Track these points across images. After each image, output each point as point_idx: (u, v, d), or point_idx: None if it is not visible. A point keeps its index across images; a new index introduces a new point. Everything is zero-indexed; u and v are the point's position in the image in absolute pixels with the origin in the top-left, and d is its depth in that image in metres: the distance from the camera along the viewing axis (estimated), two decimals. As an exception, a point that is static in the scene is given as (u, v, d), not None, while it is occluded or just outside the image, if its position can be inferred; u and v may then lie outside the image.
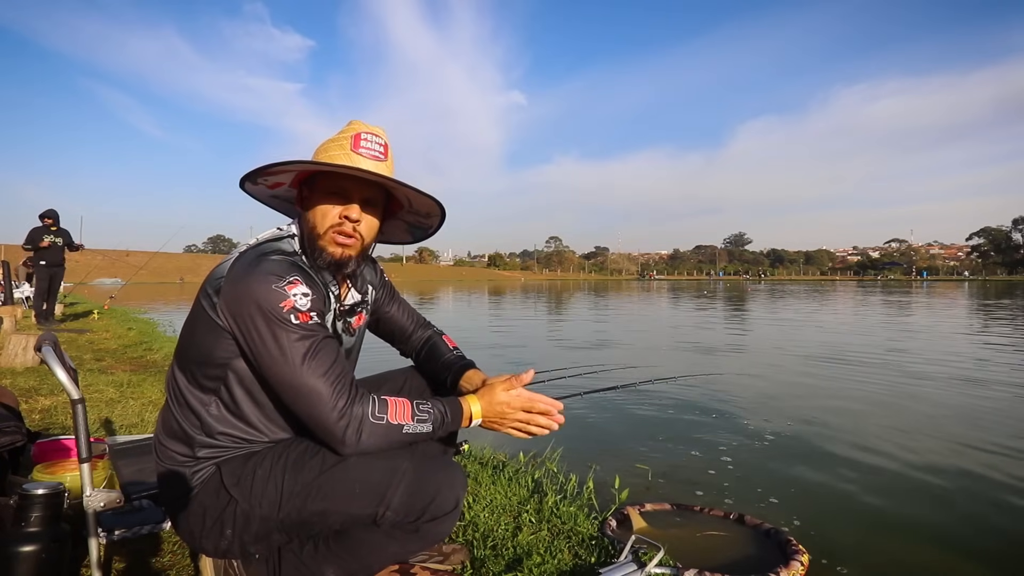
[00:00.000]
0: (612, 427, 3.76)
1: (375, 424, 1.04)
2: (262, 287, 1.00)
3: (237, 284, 1.02)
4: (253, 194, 1.23)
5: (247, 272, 1.03)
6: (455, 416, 1.14)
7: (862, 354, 7.13)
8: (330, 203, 1.12)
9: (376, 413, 1.04)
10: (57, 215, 8.20)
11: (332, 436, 1.03)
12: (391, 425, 1.05)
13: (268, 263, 1.04)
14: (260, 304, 1.00)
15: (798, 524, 2.27)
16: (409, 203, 1.24)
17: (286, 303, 1.00)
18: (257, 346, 1.01)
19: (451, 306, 19.38)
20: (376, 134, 1.15)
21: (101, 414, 3.14)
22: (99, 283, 29.05)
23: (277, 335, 1.00)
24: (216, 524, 1.09)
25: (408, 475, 1.06)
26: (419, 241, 1.38)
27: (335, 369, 1.03)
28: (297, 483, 1.06)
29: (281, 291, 1.01)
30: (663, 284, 57.87)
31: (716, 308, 17.23)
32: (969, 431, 3.67)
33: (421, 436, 1.09)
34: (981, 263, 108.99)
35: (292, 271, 1.04)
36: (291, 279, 1.03)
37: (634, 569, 1.49)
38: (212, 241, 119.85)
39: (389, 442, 1.06)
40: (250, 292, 1.00)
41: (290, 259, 1.08)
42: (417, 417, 1.08)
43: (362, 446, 1.04)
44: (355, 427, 1.02)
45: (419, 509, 1.06)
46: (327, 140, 1.16)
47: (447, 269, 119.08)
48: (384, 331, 1.48)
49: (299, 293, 1.02)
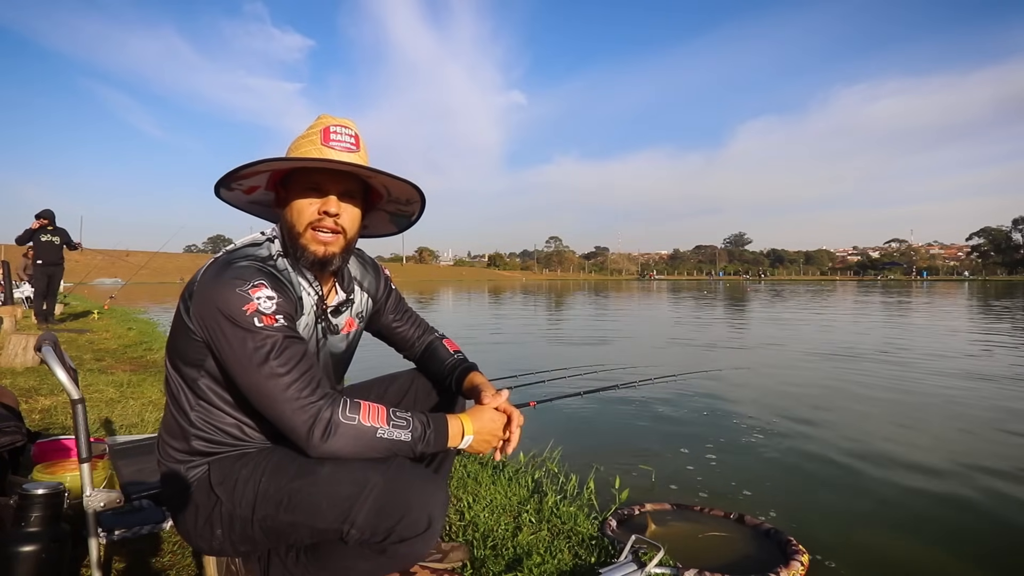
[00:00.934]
0: (612, 427, 3.76)
1: (345, 425, 1.01)
2: (226, 291, 1.01)
3: (205, 289, 1.04)
4: (230, 202, 1.21)
5: (214, 277, 1.04)
6: (439, 430, 1.09)
7: (863, 353, 7.13)
8: (306, 198, 1.11)
9: (347, 414, 1.02)
10: (53, 215, 8.18)
11: (298, 436, 1.01)
12: (363, 426, 1.02)
13: (235, 268, 1.05)
14: (223, 308, 1.01)
15: (798, 524, 2.27)
16: (388, 192, 1.23)
17: (249, 306, 1.01)
18: (223, 349, 1.02)
19: (451, 306, 19.38)
20: (345, 125, 1.13)
21: (101, 414, 3.14)
22: (99, 283, 29.07)
23: (240, 338, 1.00)
24: (207, 523, 1.09)
25: (376, 490, 1.01)
26: (404, 230, 1.36)
27: (300, 370, 1.02)
28: (271, 487, 1.05)
29: (244, 295, 1.01)
30: (663, 284, 57.86)
31: (716, 307, 17.23)
32: (971, 431, 3.68)
33: (399, 444, 1.05)
34: (981, 263, 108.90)
35: (257, 276, 1.05)
36: (256, 283, 1.03)
37: (634, 569, 1.49)
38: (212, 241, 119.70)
39: (362, 445, 1.02)
40: (215, 296, 1.02)
41: (258, 263, 1.08)
42: (393, 422, 1.05)
43: (330, 447, 1.01)
44: (322, 427, 1.00)
45: (386, 529, 1.00)
46: (297, 137, 1.15)
47: (447, 269, 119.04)
48: (389, 338, 1.48)
49: (263, 296, 1.03)
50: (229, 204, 1.22)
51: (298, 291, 1.14)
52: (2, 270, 8.33)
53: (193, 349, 1.07)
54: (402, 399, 1.42)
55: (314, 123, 1.15)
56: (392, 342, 1.49)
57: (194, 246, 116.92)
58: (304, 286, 1.16)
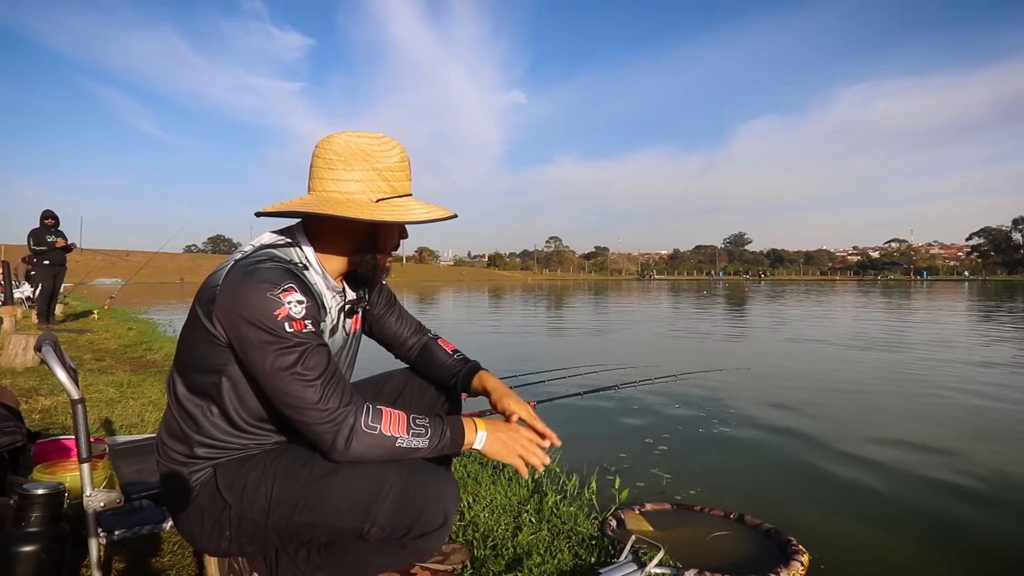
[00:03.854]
0: (612, 426, 3.76)
1: (367, 434, 1.03)
2: (256, 295, 1.00)
3: (232, 293, 1.02)
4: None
5: (242, 281, 1.02)
6: (455, 437, 1.12)
7: (864, 352, 7.13)
8: (391, 235, 1.17)
9: (369, 423, 1.03)
10: (56, 215, 8.28)
11: (323, 442, 1.03)
12: (384, 436, 1.04)
13: (263, 271, 1.03)
14: (254, 312, 0.99)
15: (798, 524, 2.26)
16: None
17: (280, 311, 1.00)
18: (251, 354, 1.01)
19: (451, 306, 19.38)
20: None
21: (101, 414, 3.14)
22: (99, 283, 29.06)
23: (270, 343, 1.00)
24: (215, 526, 1.10)
25: (395, 490, 1.04)
26: None
27: (327, 376, 1.03)
28: (285, 491, 1.06)
29: (276, 299, 1.00)
30: (663, 284, 57.86)
31: (716, 307, 17.23)
32: (973, 430, 3.68)
33: (416, 451, 1.07)
34: (981, 263, 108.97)
35: (287, 278, 1.03)
36: (286, 287, 1.02)
37: (634, 569, 1.49)
38: (212, 241, 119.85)
39: (381, 453, 1.05)
40: (244, 301, 1.00)
41: (285, 266, 1.07)
42: (413, 431, 1.07)
43: (352, 454, 1.03)
44: (345, 435, 1.01)
45: (405, 526, 1.05)
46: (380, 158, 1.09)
47: (447, 269, 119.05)
48: (381, 337, 1.48)
49: (294, 301, 1.01)
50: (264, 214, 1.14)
51: (321, 296, 1.14)
52: (2, 270, 8.33)
53: (215, 355, 1.05)
54: (397, 398, 1.41)
55: (392, 150, 1.11)
56: (384, 342, 1.48)
57: (194, 246, 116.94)
58: (327, 295, 1.16)
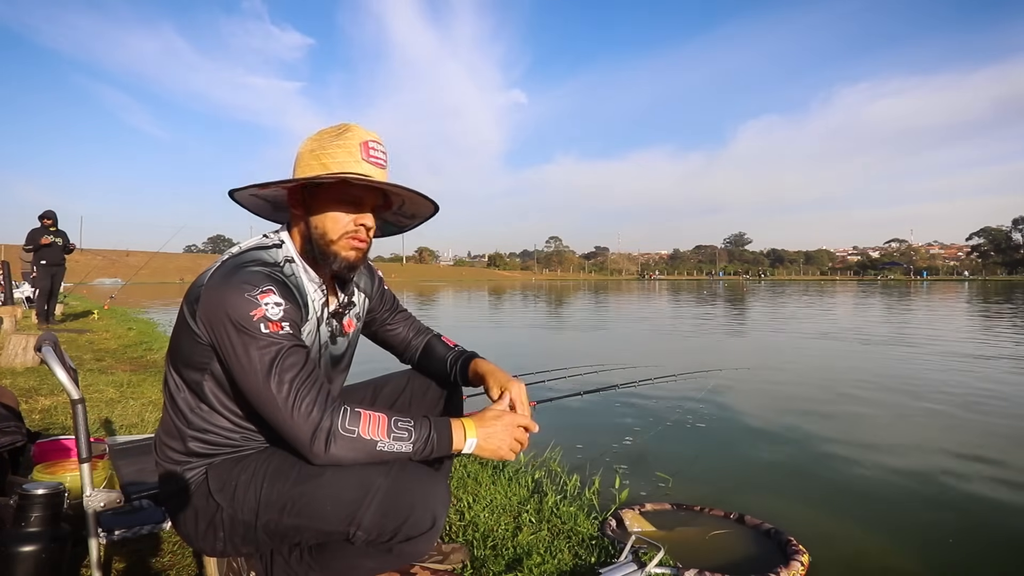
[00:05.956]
0: (612, 426, 3.76)
1: (344, 437, 1.02)
2: (235, 296, 1.02)
3: (213, 293, 1.04)
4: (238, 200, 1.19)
5: (223, 281, 1.04)
6: (442, 439, 1.09)
7: (864, 352, 7.13)
8: (343, 211, 1.13)
9: (347, 425, 1.02)
10: (56, 216, 8.28)
11: (300, 444, 1.02)
12: (362, 440, 1.02)
13: (244, 273, 1.05)
14: (231, 312, 1.01)
15: (798, 524, 2.26)
16: (401, 204, 1.25)
17: (256, 312, 1.01)
18: (228, 354, 1.03)
19: (451, 306, 19.38)
20: (379, 142, 1.16)
21: (101, 414, 3.14)
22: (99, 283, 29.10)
23: (246, 343, 1.01)
24: (209, 527, 1.11)
25: (381, 493, 1.03)
26: (388, 236, 1.39)
27: (303, 377, 1.02)
28: (274, 493, 1.06)
29: (253, 300, 1.02)
30: (663, 284, 57.86)
31: (716, 307, 17.23)
32: (974, 430, 3.67)
33: (399, 455, 1.05)
34: (981, 263, 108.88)
35: (267, 281, 1.05)
36: (264, 288, 1.04)
37: (634, 569, 1.49)
38: (212, 241, 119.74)
39: (360, 456, 1.03)
40: (223, 301, 1.02)
41: (268, 269, 1.08)
42: (394, 434, 1.05)
43: (330, 457, 1.02)
44: (322, 437, 1.01)
45: (392, 529, 1.03)
46: (327, 140, 1.13)
47: (447, 269, 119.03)
48: (385, 341, 1.48)
49: (271, 303, 1.03)
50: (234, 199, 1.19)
51: (305, 296, 1.15)
52: (2, 270, 8.34)
53: (198, 353, 1.07)
54: (396, 399, 1.41)
55: (344, 131, 1.13)
56: (387, 344, 1.49)
57: (194, 246, 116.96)
58: (311, 291, 1.17)
